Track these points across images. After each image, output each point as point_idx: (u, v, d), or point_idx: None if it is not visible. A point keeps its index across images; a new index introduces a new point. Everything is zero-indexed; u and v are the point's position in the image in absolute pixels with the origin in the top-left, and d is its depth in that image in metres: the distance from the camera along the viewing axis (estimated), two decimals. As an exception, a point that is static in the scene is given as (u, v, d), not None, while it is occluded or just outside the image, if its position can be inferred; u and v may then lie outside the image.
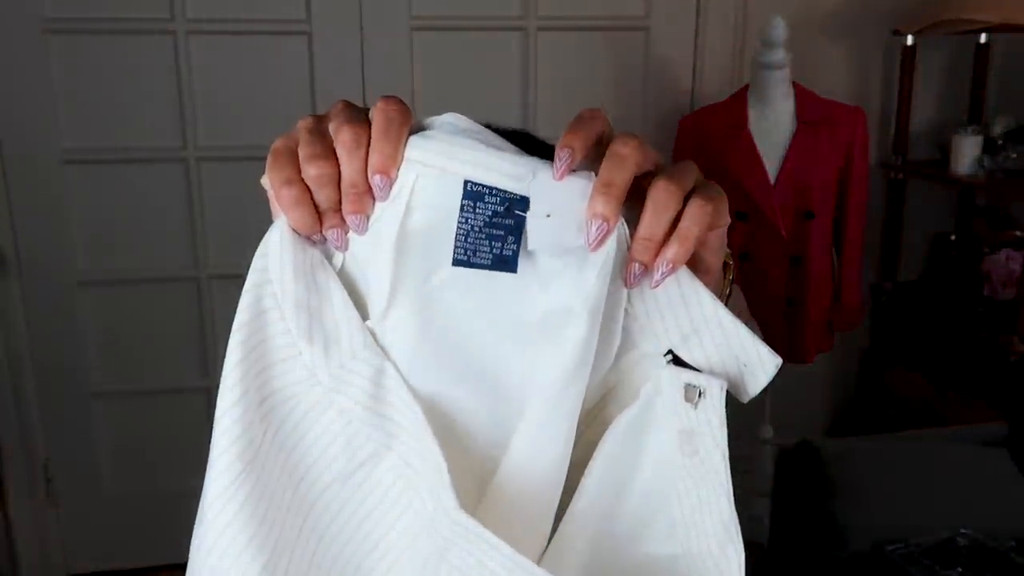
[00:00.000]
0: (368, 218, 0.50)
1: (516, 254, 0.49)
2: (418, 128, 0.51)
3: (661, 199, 0.49)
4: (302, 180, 0.50)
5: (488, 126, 1.12)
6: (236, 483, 0.51)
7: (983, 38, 2.53)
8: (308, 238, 0.52)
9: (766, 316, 2.23)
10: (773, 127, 2.15)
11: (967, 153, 2.35)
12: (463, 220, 0.49)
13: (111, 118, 2.23)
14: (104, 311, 2.34)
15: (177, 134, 2.26)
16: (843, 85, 2.53)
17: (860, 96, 2.56)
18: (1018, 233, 2.49)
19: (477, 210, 0.49)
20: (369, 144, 0.49)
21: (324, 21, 2.24)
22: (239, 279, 0.60)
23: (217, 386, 0.61)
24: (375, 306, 0.52)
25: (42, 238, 2.26)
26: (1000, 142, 2.36)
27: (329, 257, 0.52)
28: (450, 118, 0.52)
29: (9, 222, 2.23)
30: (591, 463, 0.53)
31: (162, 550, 2.43)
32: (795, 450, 1.87)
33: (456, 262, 0.49)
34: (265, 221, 0.59)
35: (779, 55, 2.12)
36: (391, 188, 0.49)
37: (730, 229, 0.55)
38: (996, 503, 1.69)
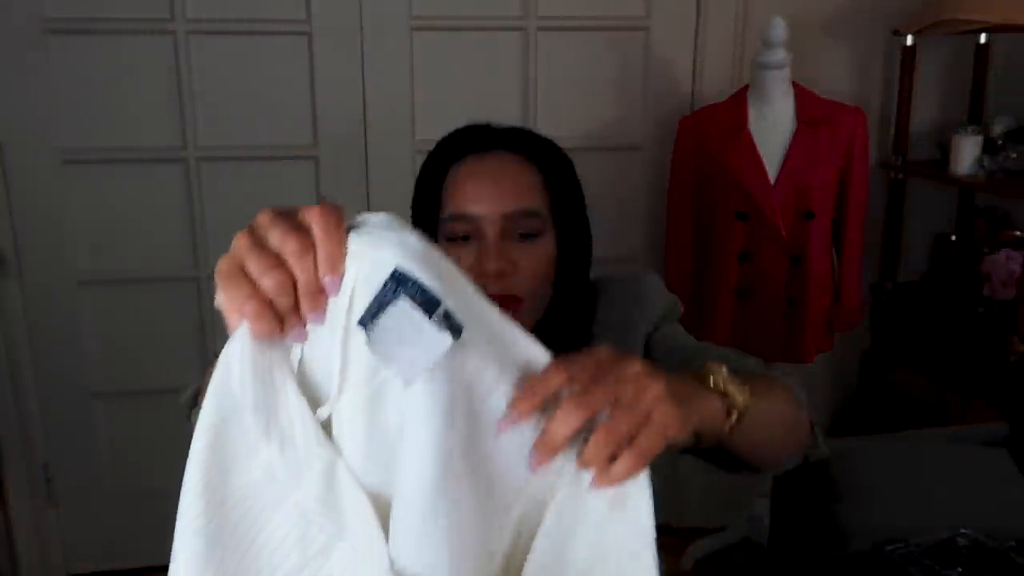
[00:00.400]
0: (325, 311, 0.56)
1: None
2: (348, 227, 0.57)
3: (589, 452, 0.57)
4: (259, 293, 0.56)
5: (487, 126, 1.13)
6: (199, 566, 0.57)
7: (983, 38, 2.53)
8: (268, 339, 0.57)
9: (766, 316, 2.23)
10: (773, 127, 2.15)
11: (967, 153, 2.35)
12: (382, 294, 0.54)
13: (111, 118, 2.23)
14: (104, 311, 2.34)
15: (177, 134, 2.25)
16: (843, 85, 2.53)
17: (860, 96, 2.55)
18: (1018, 233, 2.49)
19: (397, 291, 0.54)
20: (315, 247, 0.55)
21: (324, 21, 2.24)
22: None
23: None
24: (330, 390, 0.57)
25: (42, 238, 2.26)
26: (1000, 142, 2.36)
27: (287, 350, 0.58)
28: (381, 217, 0.58)
29: (9, 222, 2.23)
30: (535, 541, 0.59)
31: (162, 550, 2.42)
32: (795, 450, 1.87)
33: (360, 321, 0.54)
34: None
35: (779, 55, 2.12)
36: (341, 283, 0.55)
37: (730, 229, 0.58)
38: (996, 503, 1.69)
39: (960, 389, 2.44)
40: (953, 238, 2.66)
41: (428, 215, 1.03)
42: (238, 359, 0.56)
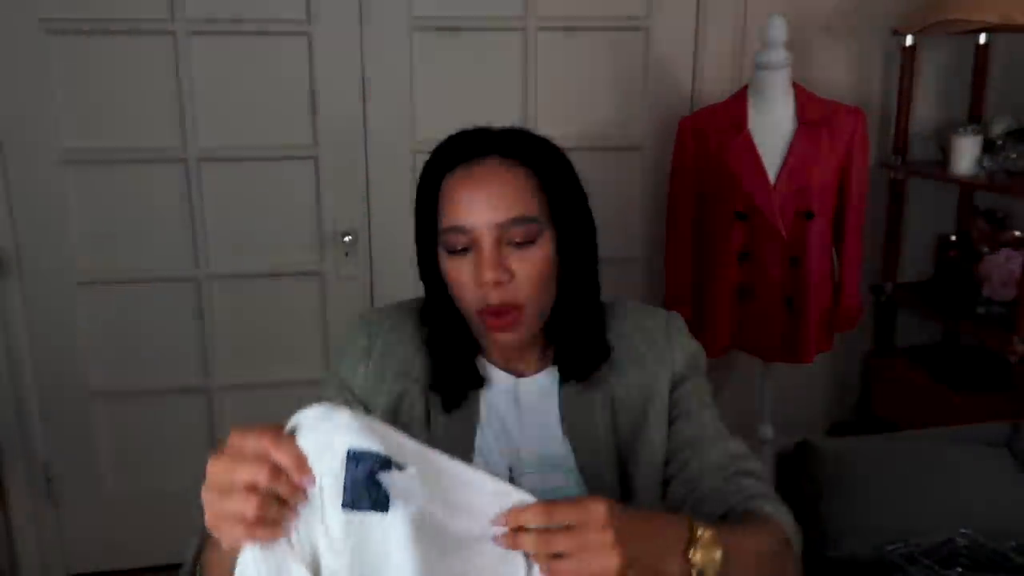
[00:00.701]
0: (308, 497, 0.70)
1: (388, 500, 0.70)
2: (289, 428, 0.71)
3: (541, 565, 0.74)
4: (253, 522, 0.68)
5: (479, 131, 1.13)
6: None
7: (983, 38, 2.54)
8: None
9: (766, 316, 2.23)
10: (773, 127, 2.15)
11: (967, 153, 2.35)
12: (347, 476, 0.69)
13: (111, 118, 2.23)
14: (104, 311, 2.34)
15: (177, 134, 2.25)
16: (843, 85, 2.53)
17: (860, 96, 2.56)
18: (1018, 233, 2.49)
19: (358, 468, 0.69)
20: (281, 467, 0.68)
21: (324, 21, 2.24)
22: (239, 279, 0.62)
23: (216, 386, 0.67)
24: (319, 554, 0.71)
25: (42, 238, 2.26)
26: (1000, 142, 2.36)
27: (287, 538, 0.71)
28: (314, 411, 0.71)
29: (9, 222, 2.23)
30: None
31: (162, 550, 2.43)
32: (795, 450, 1.87)
33: (344, 506, 0.69)
34: (264, 222, 0.59)
35: (779, 55, 2.12)
36: (313, 476, 0.69)
37: (730, 229, 0.59)
38: (996, 503, 1.69)
39: (960, 389, 2.44)
40: (953, 238, 2.66)
41: (428, 225, 1.03)
42: (252, 564, 0.70)
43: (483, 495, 0.76)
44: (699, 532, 0.81)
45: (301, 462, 0.69)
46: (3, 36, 2.13)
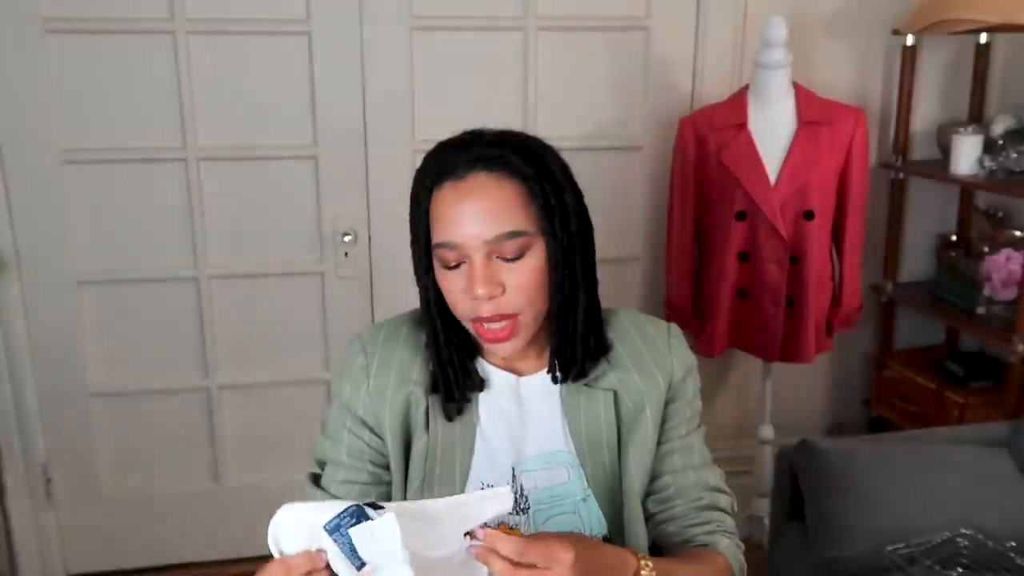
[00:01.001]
0: None
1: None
2: (276, 545, 0.81)
3: None
4: None
5: (467, 141, 1.13)
6: None
7: (983, 38, 2.54)
8: None
9: (766, 316, 2.23)
10: (773, 127, 2.15)
11: (967, 153, 2.35)
12: (340, 544, 0.78)
13: (111, 118, 2.23)
14: (104, 311, 2.34)
15: (177, 134, 2.25)
16: (843, 85, 2.53)
17: (860, 96, 2.56)
18: (1018, 233, 2.49)
19: (343, 532, 0.78)
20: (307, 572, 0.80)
21: (324, 21, 2.24)
22: (239, 279, 0.62)
23: (216, 386, 0.67)
24: None
25: (42, 238, 2.26)
26: (1000, 142, 2.36)
27: None
28: (278, 519, 0.80)
29: (9, 222, 2.23)
30: None
31: (162, 550, 2.44)
32: (795, 450, 1.87)
33: (360, 567, 0.77)
34: (264, 222, 0.59)
35: (779, 55, 2.12)
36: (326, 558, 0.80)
37: (730, 229, 0.60)
38: (996, 503, 1.69)
39: (960, 389, 2.44)
40: (953, 238, 2.66)
41: (421, 236, 1.03)
42: None
43: (446, 519, 0.84)
44: (643, 574, 0.93)
45: (312, 557, 0.80)
46: (3, 36, 2.13)
